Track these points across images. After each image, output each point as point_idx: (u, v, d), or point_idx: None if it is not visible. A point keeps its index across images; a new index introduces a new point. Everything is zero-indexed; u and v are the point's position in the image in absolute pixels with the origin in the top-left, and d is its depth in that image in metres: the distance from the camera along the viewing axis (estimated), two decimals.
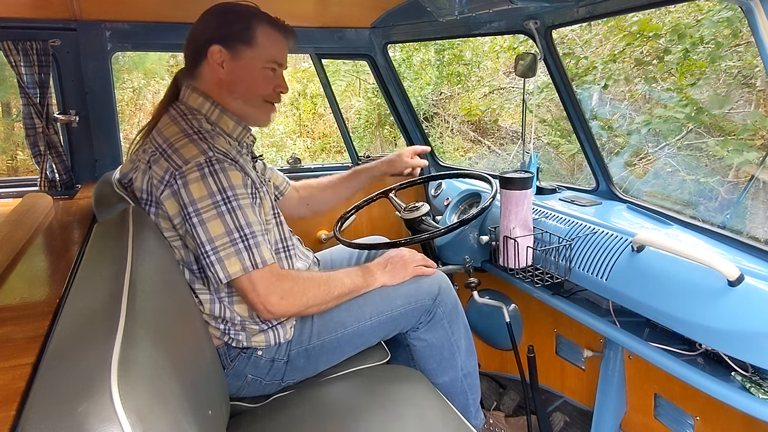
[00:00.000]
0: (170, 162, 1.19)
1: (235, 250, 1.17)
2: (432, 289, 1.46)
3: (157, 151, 1.22)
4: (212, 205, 1.16)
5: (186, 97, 1.34)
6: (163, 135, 1.25)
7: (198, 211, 1.16)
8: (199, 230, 1.16)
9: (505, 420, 1.87)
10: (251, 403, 1.36)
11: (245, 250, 1.17)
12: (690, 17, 4.51)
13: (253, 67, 1.32)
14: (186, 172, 1.16)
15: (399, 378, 1.37)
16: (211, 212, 1.16)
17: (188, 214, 1.16)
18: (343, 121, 2.73)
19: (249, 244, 1.18)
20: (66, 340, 0.70)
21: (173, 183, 1.17)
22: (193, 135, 1.22)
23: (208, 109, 1.32)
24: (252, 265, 1.18)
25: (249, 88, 1.33)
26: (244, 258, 1.17)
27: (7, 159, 6.51)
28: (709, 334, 1.15)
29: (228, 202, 1.17)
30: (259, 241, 1.20)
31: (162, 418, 0.59)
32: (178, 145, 1.20)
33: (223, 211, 1.16)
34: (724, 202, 4.26)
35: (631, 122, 4.93)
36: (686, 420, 1.47)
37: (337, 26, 2.37)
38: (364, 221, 2.63)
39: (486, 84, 6.83)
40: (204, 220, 1.15)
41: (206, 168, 1.16)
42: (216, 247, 1.16)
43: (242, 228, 1.17)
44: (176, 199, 1.18)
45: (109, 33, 2.07)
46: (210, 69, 1.31)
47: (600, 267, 1.44)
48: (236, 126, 1.36)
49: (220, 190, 1.16)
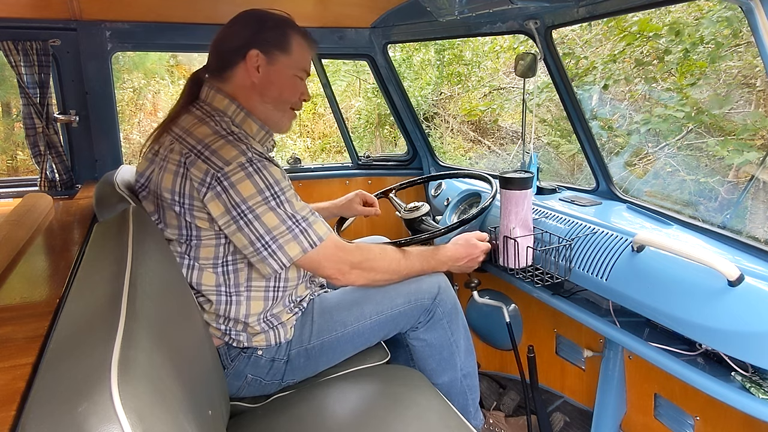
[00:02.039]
0: (209, 164, 1.19)
1: (293, 236, 1.23)
2: (431, 289, 1.47)
3: (192, 152, 1.21)
4: (263, 201, 1.20)
5: (210, 98, 1.34)
6: (194, 136, 1.24)
7: (251, 208, 1.19)
8: (256, 225, 1.20)
9: (505, 420, 1.87)
10: (251, 403, 1.36)
11: (301, 233, 1.24)
12: (690, 17, 4.51)
13: (286, 73, 1.36)
14: (230, 173, 1.18)
15: (399, 378, 1.37)
16: (263, 207, 1.20)
17: (241, 213, 1.19)
18: (343, 121, 2.73)
19: (303, 227, 1.24)
20: (66, 340, 0.70)
21: (215, 185, 1.19)
22: (228, 136, 1.23)
23: (234, 111, 1.33)
24: (310, 245, 1.25)
25: (280, 93, 1.37)
26: (302, 240, 1.24)
27: (7, 159, 6.51)
28: (709, 334, 1.15)
29: (276, 197, 1.21)
30: (311, 221, 1.26)
31: (162, 418, 0.59)
32: (216, 146, 1.21)
33: (274, 206, 1.21)
34: (724, 202, 4.26)
35: (631, 122, 4.93)
36: (686, 420, 1.47)
37: (337, 26, 2.37)
38: (364, 221, 2.63)
39: (486, 84, 6.83)
40: (259, 215, 1.20)
41: (250, 167, 1.19)
42: (275, 236, 1.21)
43: (293, 216, 1.23)
44: (222, 200, 1.19)
45: (109, 33, 2.07)
46: (245, 72, 1.32)
47: (600, 267, 1.44)
48: (260, 130, 1.37)
49: (267, 186, 1.20)
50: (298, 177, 2.64)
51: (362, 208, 1.90)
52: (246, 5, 1.37)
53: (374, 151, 7.03)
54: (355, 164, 2.78)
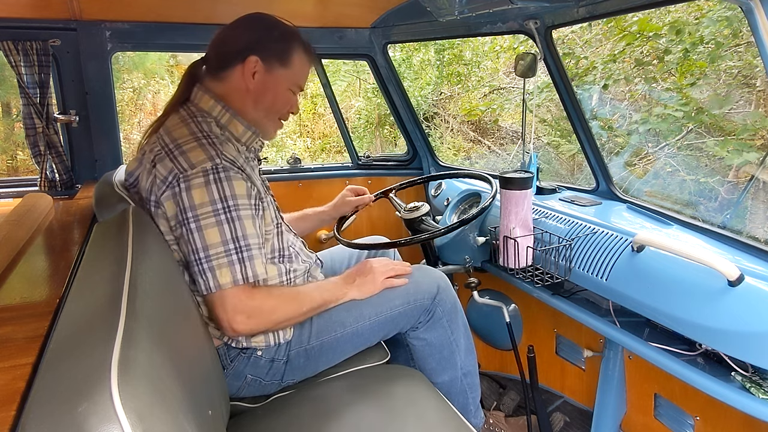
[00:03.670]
0: (175, 163, 1.19)
1: (228, 261, 1.16)
2: (431, 289, 1.46)
3: (163, 151, 1.22)
4: (212, 213, 1.15)
5: (197, 99, 1.34)
6: (171, 135, 1.24)
7: (197, 216, 1.15)
8: (195, 236, 1.15)
9: (505, 420, 1.87)
10: (251, 403, 1.36)
11: (239, 263, 1.17)
12: (690, 17, 4.51)
13: (281, 85, 1.35)
14: (191, 176, 1.16)
15: (399, 378, 1.37)
16: (210, 219, 1.15)
17: (186, 219, 1.16)
18: (343, 121, 2.73)
19: (243, 256, 1.17)
20: (66, 340, 0.70)
21: (175, 185, 1.17)
22: (203, 139, 1.22)
23: (219, 112, 1.32)
24: (243, 278, 1.17)
25: (272, 103, 1.36)
26: (236, 270, 1.16)
27: (7, 159, 6.51)
28: (709, 334, 1.15)
29: (228, 212, 1.16)
30: (254, 254, 1.19)
31: (162, 418, 0.59)
32: (186, 147, 1.20)
33: (222, 220, 1.16)
34: (724, 202, 4.26)
35: (630, 122, 4.93)
36: (686, 420, 1.47)
37: (337, 26, 2.37)
38: (365, 221, 2.63)
39: (486, 84, 6.83)
40: (201, 227, 1.15)
41: (212, 175, 1.16)
42: (210, 255, 1.15)
43: (239, 239, 1.17)
44: (175, 201, 1.18)
45: (109, 33, 2.07)
46: (241, 76, 1.31)
47: (600, 267, 1.44)
48: (246, 131, 1.36)
49: (222, 198, 1.16)
50: (298, 177, 2.64)
51: (356, 199, 1.89)
52: (246, 5, 1.37)
53: (374, 151, 7.03)
54: (355, 164, 2.78)
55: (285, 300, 1.29)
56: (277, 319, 1.26)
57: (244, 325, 1.20)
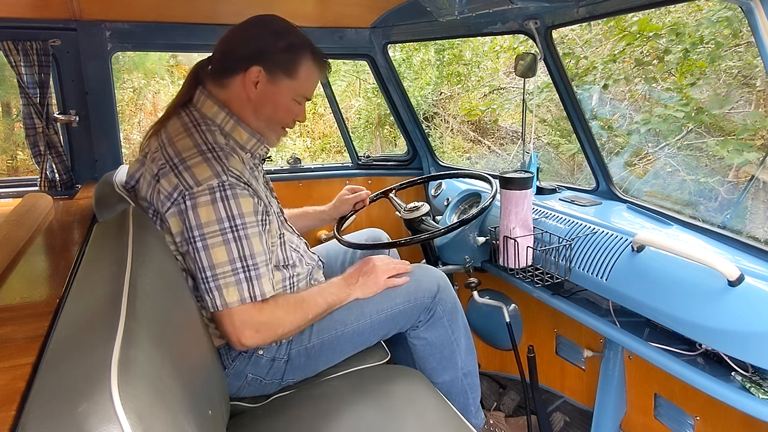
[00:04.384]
0: (180, 179, 1.17)
1: (236, 280, 1.16)
2: (431, 288, 1.46)
3: (168, 164, 1.19)
4: (219, 232, 1.14)
5: (200, 104, 1.31)
6: (175, 147, 1.22)
7: (204, 235, 1.14)
8: (202, 255, 1.15)
9: (505, 420, 1.87)
10: (251, 403, 1.36)
11: (246, 281, 1.17)
12: (690, 17, 4.51)
13: (285, 96, 1.32)
14: (197, 194, 1.14)
15: (399, 378, 1.37)
16: (217, 239, 1.14)
17: (193, 237, 1.15)
18: (343, 121, 2.74)
19: (251, 275, 1.17)
20: (66, 340, 0.70)
21: (181, 202, 1.16)
22: (207, 153, 1.19)
23: (223, 119, 1.30)
24: (250, 297, 1.17)
25: (273, 113, 1.33)
26: (243, 289, 1.16)
27: (7, 159, 6.51)
28: (709, 334, 1.15)
29: (236, 230, 1.15)
30: (261, 272, 1.19)
31: (162, 418, 0.59)
32: (192, 162, 1.18)
33: (229, 239, 1.15)
34: (724, 202, 4.26)
35: (630, 122, 4.93)
36: (686, 420, 1.47)
37: (337, 26, 2.37)
38: (364, 221, 2.63)
39: (486, 84, 6.83)
40: (208, 246, 1.14)
41: (218, 192, 1.15)
42: (216, 274, 1.15)
43: (246, 258, 1.16)
44: (182, 218, 1.17)
45: (109, 33, 2.07)
46: (242, 85, 1.29)
47: (600, 267, 1.44)
48: (250, 138, 1.34)
49: (229, 217, 1.15)
50: (298, 177, 2.64)
51: (354, 196, 1.89)
52: (246, 5, 1.37)
53: (374, 151, 7.03)
54: (355, 164, 2.78)
55: (291, 310, 1.28)
56: (284, 331, 1.26)
57: (252, 340, 1.20)
